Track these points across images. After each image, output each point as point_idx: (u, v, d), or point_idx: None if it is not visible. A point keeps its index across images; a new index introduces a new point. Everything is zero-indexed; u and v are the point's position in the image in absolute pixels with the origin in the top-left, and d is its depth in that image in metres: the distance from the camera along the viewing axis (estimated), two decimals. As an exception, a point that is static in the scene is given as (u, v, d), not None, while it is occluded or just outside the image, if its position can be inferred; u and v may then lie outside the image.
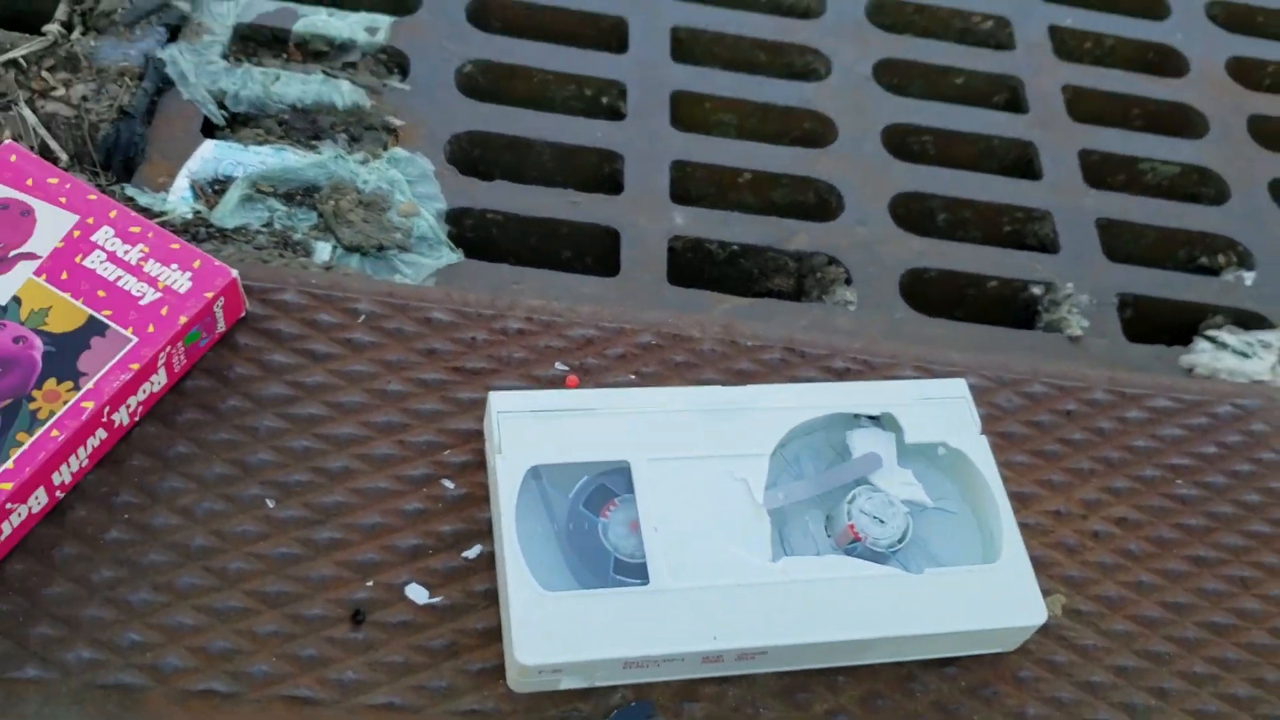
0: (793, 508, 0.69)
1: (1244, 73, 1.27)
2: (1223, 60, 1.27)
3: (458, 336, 0.66)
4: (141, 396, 0.59)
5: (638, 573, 0.60)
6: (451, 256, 0.97)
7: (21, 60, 0.99)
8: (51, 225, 0.61)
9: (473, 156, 1.06)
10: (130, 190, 0.94)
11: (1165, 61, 1.28)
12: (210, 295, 0.61)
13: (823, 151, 1.11)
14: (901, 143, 1.15)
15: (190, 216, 0.93)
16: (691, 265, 1.03)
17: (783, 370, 0.73)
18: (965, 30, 1.26)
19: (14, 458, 0.54)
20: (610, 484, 0.62)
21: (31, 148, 0.95)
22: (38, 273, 0.59)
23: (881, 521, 0.69)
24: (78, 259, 0.60)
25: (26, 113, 0.96)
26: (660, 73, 1.13)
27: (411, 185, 1.00)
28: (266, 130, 1.02)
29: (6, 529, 0.54)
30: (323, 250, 0.95)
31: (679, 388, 0.64)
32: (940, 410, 0.71)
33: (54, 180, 0.63)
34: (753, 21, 1.19)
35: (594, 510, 0.61)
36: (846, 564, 0.66)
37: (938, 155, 1.16)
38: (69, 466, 0.56)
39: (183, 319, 0.59)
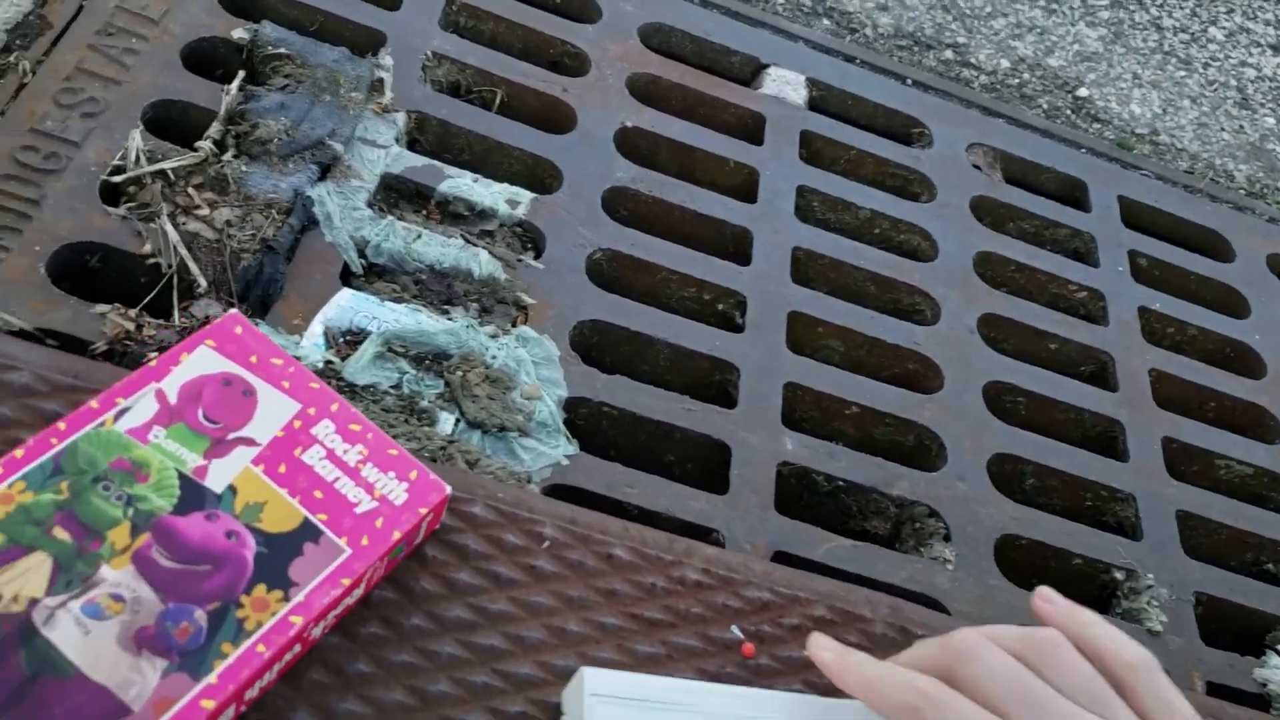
0: None
1: (1314, 384, 1.32)
2: (1296, 368, 1.32)
3: (637, 580, 0.65)
4: (339, 610, 0.57)
5: None
6: (568, 448, 0.96)
7: (170, 173, 0.98)
8: (273, 410, 0.59)
9: (591, 343, 1.05)
10: (264, 328, 0.92)
11: (1242, 360, 1.32)
12: (424, 512, 0.59)
13: (928, 398, 1.12)
14: (997, 398, 1.17)
15: (321, 366, 0.91)
16: (794, 492, 1.03)
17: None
18: (1059, 295, 1.30)
19: (218, 671, 0.51)
20: None
21: (169, 265, 0.93)
22: (256, 461, 0.57)
23: None
24: (297, 452, 0.58)
25: (169, 228, 0.95)
26: (779, 290, 1.14)
27: (537, 367, 1.00)
28: (402, 287, 1.01)
29: (192, 744, 0.51)
30: (446, 422, 0.93)
31: (775, 692, 0.60)
32: None
33: (278, 361, 0.61)
34: (868, 255, 1.21)
35: None
36: None
37: (1029, 417, 1.18)
38: (261, 681, 0.53)
39: (396, 534, 0.57)
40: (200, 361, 0.60)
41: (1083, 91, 1.51)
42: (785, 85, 1.33)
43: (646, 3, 1.34)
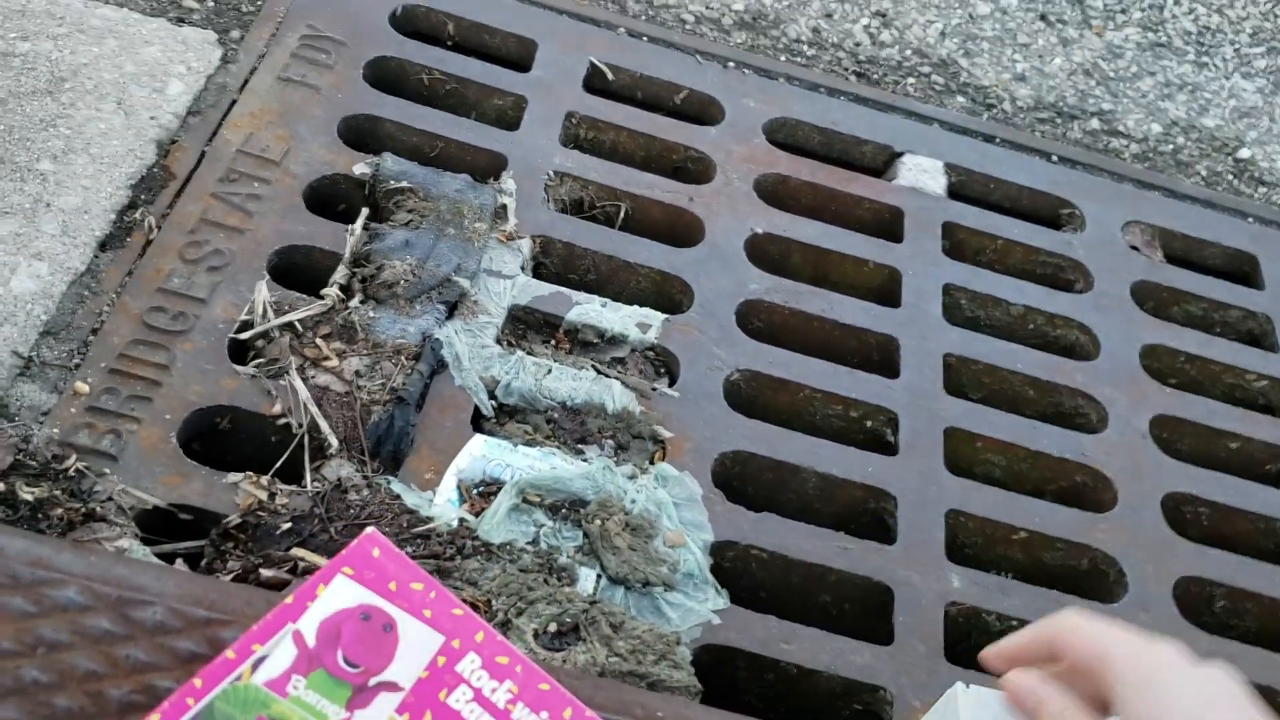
0: None
1: None
2: None
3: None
4: None
5: None
6: (718, 601, 0.90)
7: (297, 324, 0.96)
8: (415, 646, 0.55)
9: (733, 473, 0.99)
10: (396, 486, 0.88)
11: None
12: (583, 757, 0.54)
13: (1101, 517, 1.03)
14: (1176, 510, 1.07)
15: (455, 525, 0.87)
16: (963, 633, 0.95)
17: None
18: (1235, 386, 1.20)
19: None
20: None
21: (300, 425, 0.91)
22: (400, 710, 0.53)
23: None
24: (442, 695, 0.54)
25: (298, 384, 0.92)
26: (931, 404, 1.07)
27: (679, 509, 0.94)
28: (534, 427, 0.97)
29: None
30: (587, 579, 0.88)
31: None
32: None
33: (418, 586, 0.57)
34: (1024, 356, 1.13)
35: None
36: None
37: (1212, 529, 1.08)
38: None
39: (555, 792, 0.52)
40: (338, 593, 0.56)
41: (1244, 152, 1.40)
42: (922, 174, 1.25)
43: (770, 97, 1.28)
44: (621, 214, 1.15)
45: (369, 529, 0.58)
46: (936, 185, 1.25)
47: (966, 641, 0.96)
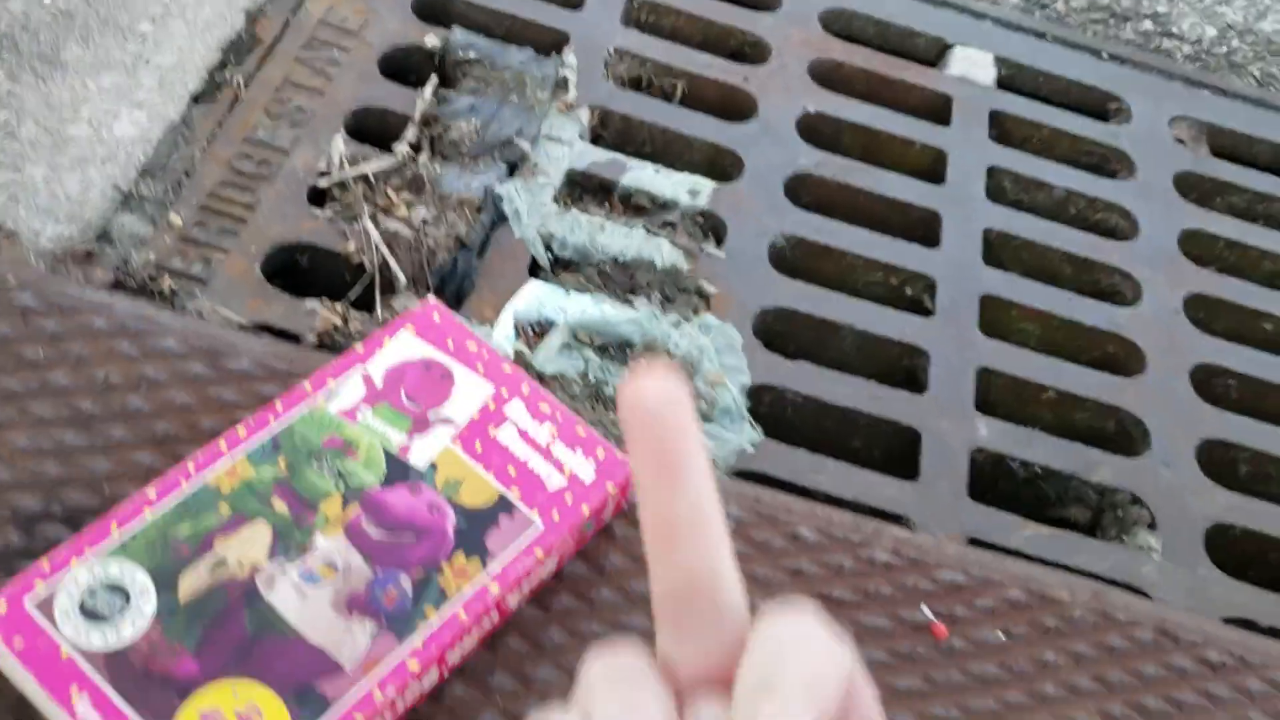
0: None
1: None
2: None
3: (824, 560, 0.64)
4: (533, 581, 0.59)
5: None
6: (753, 434, 0.96)
7: (371, 175, 1.03)
8: (468, 392, 0.62)
9: (774, 330, 1.05)
10: (459, 319, 0.95)
11: None
12: (612, 489, 0.60)
13: (1130, 381, 1.07)
14: (1206, 381, 1.10)
15: (511, 356, 0.94)
16: (989, 479, 1.00)
17: (1155, 654, 0.69)
18: (1275, 273, 1.22)
19: (422, 635, 0.54)
20: None
21: (372, 263, 0.98)
22: (454, 440, 0.60)
23: None
24: (491, 431, 0.61)
25: (371, 228, 0.99)
26: (970, 273, 1.11)
27: (719, 354, 1.00)
28: (587, 278, 1.03)
29: (400, 706, 0.54)
30: (632, 409, 0.94)
31: None
32: None
33: (472, 346, 0.64)
34: (1064, 235, 1.17)
35: None
36: None
37: (1242, 401, 1.11)
38: (462, 646, 0.56)
39: (585, 509, 0.59)
40: (402, 346, 0.63)
41: (1300, 56, 1.41)
42: (972, 65, 1.29)
43: (826, -12, 1.32)
44: (678, 91, 1.20)
45: (431, 297, 0.65)
46: (986, 76, 1.29)
47: (992, 488, 1.01)
